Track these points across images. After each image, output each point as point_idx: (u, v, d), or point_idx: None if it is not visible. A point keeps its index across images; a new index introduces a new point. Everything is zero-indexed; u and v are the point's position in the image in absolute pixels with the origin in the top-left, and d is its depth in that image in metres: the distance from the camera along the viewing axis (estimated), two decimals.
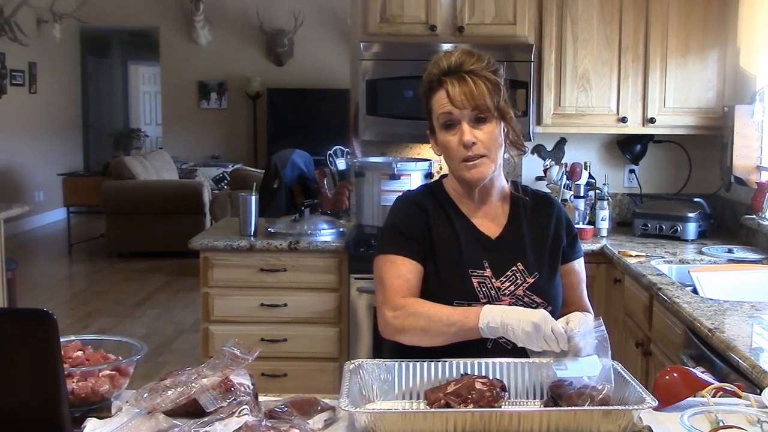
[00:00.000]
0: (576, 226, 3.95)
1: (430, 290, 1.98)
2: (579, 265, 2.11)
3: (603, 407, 1.54)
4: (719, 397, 1.69)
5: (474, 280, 1.97)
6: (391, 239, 2.03)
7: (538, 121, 4.13)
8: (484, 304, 1.94)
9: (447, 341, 1.87)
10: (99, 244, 9.58)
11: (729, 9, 4.00)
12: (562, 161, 4.36)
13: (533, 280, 1.99)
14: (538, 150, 4.45)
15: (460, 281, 1.97)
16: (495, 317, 1.80)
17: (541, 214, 2.08)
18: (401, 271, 1.97)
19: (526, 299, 1.97)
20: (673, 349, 2.77)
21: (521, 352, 1.84)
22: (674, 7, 4.04)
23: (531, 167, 4.48)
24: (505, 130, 1.98)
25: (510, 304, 1.95)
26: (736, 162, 3.83)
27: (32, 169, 10.80)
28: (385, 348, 2.12)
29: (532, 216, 2.07)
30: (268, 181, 6.05)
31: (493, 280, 1.98)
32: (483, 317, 1.81)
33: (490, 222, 2.06)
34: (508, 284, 1.98)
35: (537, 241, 2.05)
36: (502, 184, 2.08)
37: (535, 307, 1.96)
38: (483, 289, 1.96)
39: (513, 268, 1.99)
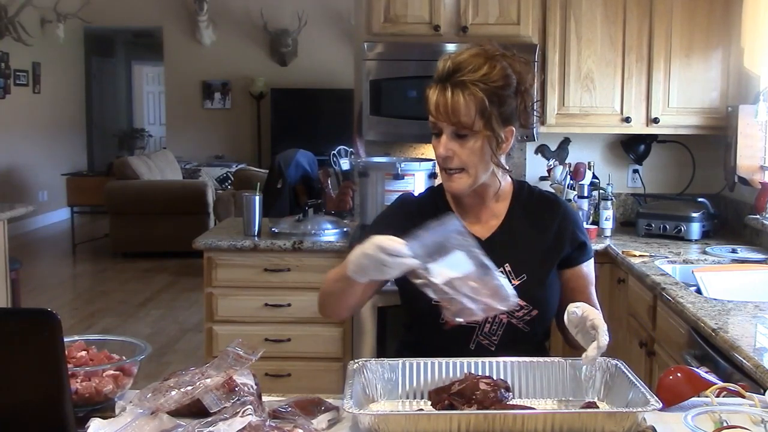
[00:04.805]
0: None
1: (412, 291, 1.99)
2: (588, 267, 2.08)
3: (607, 410, 1.54)
4: (723, 397, 1.69)
5: None
6: (370, 231, 2.06)
7: (542, 121, 4.13)
8: None
9: (341, 301, 1.90)
10: (103, 244, 9.59)
11: (733, 9, 4.00)
12: (566, 161, 4.36)
13: (519, 282, 1.95)
14: (542, 150, 4.44)
15: None
16: (351, 259, 1.74)
17: (543, 217, 2.04)
18: None
19: None
20: (676, 349, 2.77)
21: (504, 353, 1.82)
22: (678, 6, 4.03)
23: (535, 167, 4.48)
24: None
25: None
26: (739, 162, 3.83)
27: (36, 169, 10.81)
28: (389, 347, 2.12)
29: (533, 217, 2.04)
30: (272, 181, 6.07)
31: None
32: (349, 262, 1.75)
33: (483, 223, 2.03)
34: None
35: (533, 243, 2.01)
36: (499, 185, 2.02)
37: (518, 310, 1.94)
38: None
39: (500, 270, 1.93)
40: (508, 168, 2.02)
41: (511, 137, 1.95)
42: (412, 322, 2.09)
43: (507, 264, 1.97)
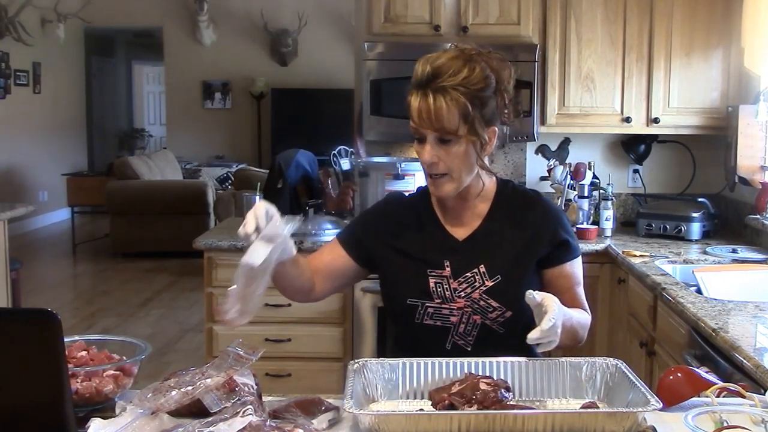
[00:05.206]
0: (580, 226, 3.98)
1: (388, 290, 2.04)
2: (572, 267, 2.02)
3: (607, 410, 1.54)
4: (723, 397, 1.69)
5: (431, 280, 1.95)
6: (347, 226, 2.19)
7: (542, 121, 4.13)
8: (439, 304, 1.95)
9: (278, 281, 1.90)
10: (103, 244, 9.59)
11: (733, 8, 4.00)
12: (567, 161, 4.36)
13: (492, 283, 1.94)
14: (542, 150, 4.44)
15: (416, 280, 1.96)
16: None
17: (523, 216, 2.01)
18: (326, 249, 2.09)
19: (482, 302, 1.94)
20: (677, 349, 2.77)
21: (481, 354, 1.81)
22: (678, 6, 4.03)
23: (535, 167, 4.48)
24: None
25: (464, 307, 1.95)
26: (740, 162, 3.83)
27: (36, 169, 10.82)
28: (389, 347, 2.12)
29: (513, 217, 2.01)
30: (273, 181, 6.05)
31: (451, 281, 1.95)
32: None
33: (463, 224, 2.02)
34: (465, 286, 1.95)
35: (510, 244, 1.98)
36: (482, 185, 2.01)
37: (491, 312, 1.94)
38: (438, 290, 1.95)
39: (474, 270, 1.95)
40: (491, 170, 2.02)
41: (494, 137, 1.94)
42: (394, 321, 2.11)
43: (482, 265, 1.96)
